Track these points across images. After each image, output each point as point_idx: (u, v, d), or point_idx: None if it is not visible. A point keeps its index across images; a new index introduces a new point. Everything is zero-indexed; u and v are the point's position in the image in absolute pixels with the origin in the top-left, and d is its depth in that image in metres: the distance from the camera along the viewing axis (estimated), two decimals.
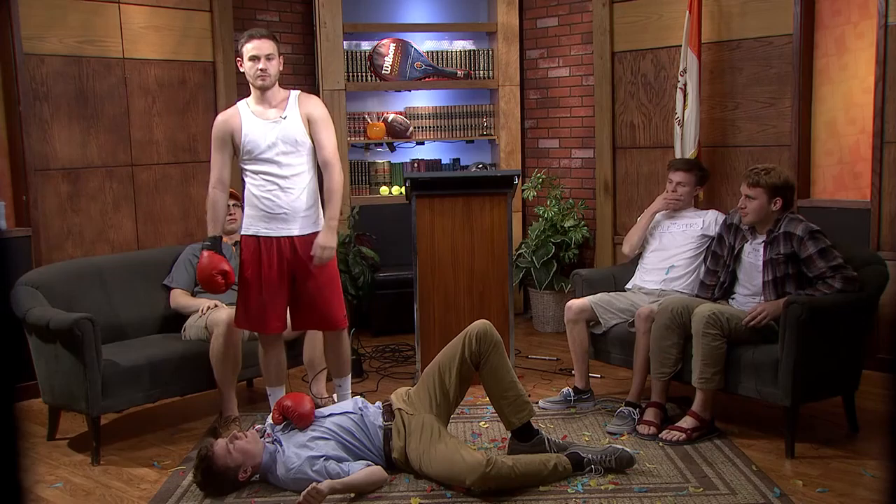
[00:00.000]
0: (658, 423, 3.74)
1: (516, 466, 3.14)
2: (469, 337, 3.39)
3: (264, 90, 3.65)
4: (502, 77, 5.96)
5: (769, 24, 4.78)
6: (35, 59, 4.52)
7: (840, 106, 4.60)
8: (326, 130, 3.69)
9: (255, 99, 3.70)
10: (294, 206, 3.65)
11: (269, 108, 3.68)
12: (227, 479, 3.18)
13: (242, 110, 3.69)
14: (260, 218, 3.67)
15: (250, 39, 3.62)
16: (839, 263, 3.57)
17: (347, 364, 3.96)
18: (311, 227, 3.69)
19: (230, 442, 3.22)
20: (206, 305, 4.06)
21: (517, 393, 3.39)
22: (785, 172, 3.79)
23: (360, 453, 3.30)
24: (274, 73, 3.64)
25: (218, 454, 3.17)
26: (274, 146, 3.63)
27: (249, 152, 3.65)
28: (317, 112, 3.69)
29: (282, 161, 3.64)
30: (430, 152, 6.10)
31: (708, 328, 3.56)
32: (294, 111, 3.68)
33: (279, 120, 3.65)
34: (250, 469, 3.21)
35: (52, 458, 3.69)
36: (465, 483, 3.11)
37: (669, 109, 5.18)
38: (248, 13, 5.60)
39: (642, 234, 4.39)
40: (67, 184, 4.70)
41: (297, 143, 3.65)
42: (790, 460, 3.45)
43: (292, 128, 3.65)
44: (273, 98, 3.68)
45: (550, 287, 5.59)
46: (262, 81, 3.62)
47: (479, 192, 4.46)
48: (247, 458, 3.20)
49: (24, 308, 3.67)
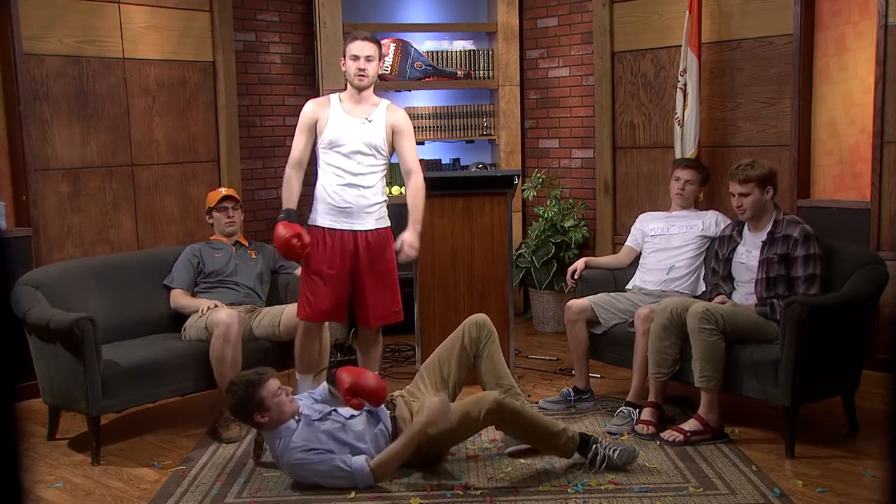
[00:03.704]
0: (656, 423, 3.74)
1: (527, 409, 3.34)
2: (468, 325, 3.60)
3: (361, 90, 3.80)
4: (502, 77, 5.96)
5: (769, 24, 4.78)
6: (35, 59, 4.52)
7: (840, 106, 4.60)
8: (410, 142, 3.89)
9: (348, 96, 3.86)
10: (360, 203, 3.80)
11: (359, 107, 3.83)
12: (250, 408, 3.18)
13: (333, 102, 3.86)
14: (328, 211, 3.81)
15: (354, 40, 3.79)
16: (810, 274, 3.64)
17: (377, 362, 4.08)
18: (374, 224, 3.85)
19: (282, 389, 3.24)
20: (206, 305, 4.06)
21: (511, 383, 3.56)
22: (766, 161, 3.91)
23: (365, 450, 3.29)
24: (372, 75, 3.80)
25: (266, 388, 3.19)
26: (352, 144, 3.77)
27: (330, 143, 3.79)
28: (402, 124, 3.88)
29: (357, 160, 3.78)
30: (430, 152, 6.10)
31: (703, 323, 3.57)
32: (381, 118, 3.84)
33: (365, 122, 3.80)
34: (267, 420, 3.21)
35: (52, 458, 3.69)
36: (479, 417, 3.19)
37: (669, 109, 5.18)
38: (248, 13, 5.60)
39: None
40: (67, 184, 4.70)
41: (376, 148, 3.81)
42: (790, 460, 3.45)
43: (375, 133, 3.81)
44: (365, 99, 3.85)
45: (550, 287, 5.59)
46: (359, 81, 3.78)
47: (479, 192, 4.46)
48: (275, 412, 3.21)
49: (24, 308, 3.67)
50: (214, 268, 4.30)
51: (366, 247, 3.82)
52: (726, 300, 3.83)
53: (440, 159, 6.09)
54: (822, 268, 3.65)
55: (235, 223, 4.45)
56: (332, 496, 3.18)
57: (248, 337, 4.05)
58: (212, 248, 4.38)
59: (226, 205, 4.44)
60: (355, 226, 3.81)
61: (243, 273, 4.33)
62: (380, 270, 3.87)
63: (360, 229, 3.81)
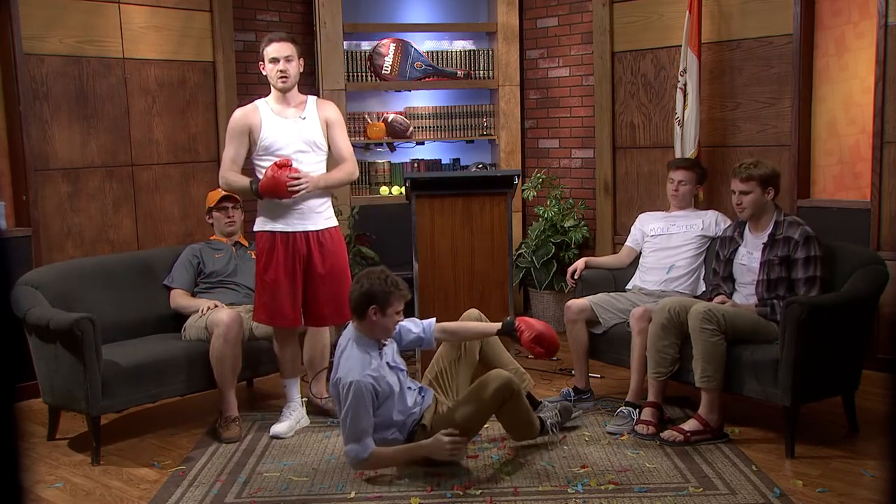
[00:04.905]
0: (655, 423, 3.74)
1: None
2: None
3: (285, 91, 3.79)
4: (502, 77, 5.96)
5: (769, 24, 4.78)
6: (35, 59, 4.52)
7: (840, 106, 4.60)
8: (343, 133, 3.91)
9: (274, 99, 3.84)
10: (309, 203, 3.78)
11: (289, 108, 3.82)
12: (375, 301, 3.23)
13: (262, 108, 3.82)
14: (276, 214, 3.78)
15: (270, 43, 3.77)
16: (811, 276, 3.64)
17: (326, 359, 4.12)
18: (325, 223, 3.85)
19: (400, 314, 3.30)
20: (205, 306, 4.07)
21: (517, 366, 3.66)
22: (770, 163, 3.91)
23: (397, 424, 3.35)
24: (294, 75, 3.78)
25: (398, 300, 3.25)
26: (292, 144, 3.76)
27: (266, 148, 3.77)
28: (334, 116, 3.90)
29: (298, 159, 3.76)
30: (430, 152, 6.10)
31: (705, 324, 3.57)
32: (313, 114, 3.84)
33: (298, 120, 3.80)
34: (373, 321, 3.25)
35: (52, 458, 3.69)
36: (487, 391, 3.26)
37: (669, 109, 5.18)
38: (248, 13, 5.60)
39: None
40: (67, 184, 4.70)
41: (315, 144, 3.81)
42: (790, 460, 3.45)
43: (311, 129, 3.81)
44: (292, 99, 3.84)
45: (550, 287, 5.59)
46: (282, 83, 3.77)
47: (479, 192, 4.46)
48: (382, 322, 3.27)
49: (24, 308, 3.67)
50: (214, 268, 4.30)
51: (318, 247, 3.82)
52: (726, 300, 3.83)
53: (440, 159, 6.09)
54: (822, 270, 3.65)
55: (235, 223, 4.46)
56: (332, 496, 3.19)
57: (248, 337, 4.05)
58: (212, 248, 4.38)
59: (225, 205, 4.44)
60: (308, 226, 3.80)
61: (243, 273, 4.33)
62: (333, 270, 3.86)
63: (312, 229, 3.81)
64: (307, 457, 3.61)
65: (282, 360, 4.00)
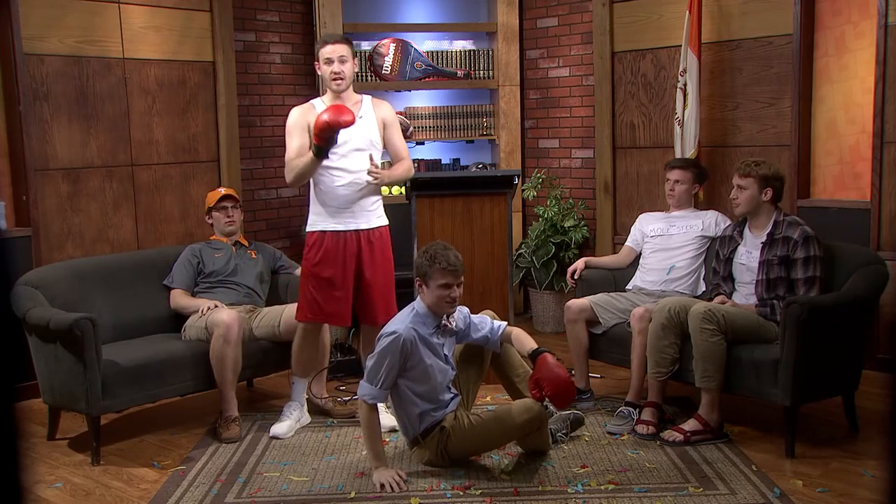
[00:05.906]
0: (656, 423, 3.74)
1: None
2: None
3: (340, 92, 3.80)
4: (502, 77, 5.96)
5: (769, 24, 4.78)
6: (35, 59, 4.52)
7: (840, 106, 4.60)
8: (399, 133, 3.96)
9: (330, 98, 3.84)
10: (361, 202, 3.80)
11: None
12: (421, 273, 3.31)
13: (319, 107, 3.81)
14: (328, 214, 3.80)
15: (325, 44, 3.79)
16: (810, 277, 3.63)
17: None
18: (376, 222, 3.87)
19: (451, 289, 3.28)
20: (206, 306, 4.06)
21: (527, 370, 3.61)
22: (776, 166, 3.89)
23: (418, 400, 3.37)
24: (349, 76, 3.80)
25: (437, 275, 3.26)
26: (348, 143, 3.75)
27: None
28: (390, 116, 3.95)
29: (355, 157, 3.77)
30: (430, 152, 6.10)
31: (705, 324, 3.57)
32: (370, 113, 3.86)
33: (357, 119, 3.76)
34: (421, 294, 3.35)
35: (52, 458, 3.69)
36: (517, 421, 3.29)
37: (669, 109, 5.18)
38: (248, 13, 5.60)
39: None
40: (67, 184, 4.70)
41: (372, 143, 3.83)
42: (790, 460, 3.45)
43: (369, 129, 3.82)
44: (348, 99, 3.84)
45: (550, 287, 5.59)
46: (337, 85, 3.78)
47: (479, 192, 4.46)
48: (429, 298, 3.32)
49: (24, 308, 3.67)
50: (214, 268, 4.30)
51: (368, 246, 3.83)
52: (726, 300, 3.83)
53: (440, 159, 6.09)
54: (822, 270, 3.65)
55: (235, 223, 4.46)
56: (332, 496, 3.18)
57: (249, 337, 4.05)
58: (212, 248, 4.38)
59: (225, 204, 4.44)
60: (360, 225, 3.81)
61: (243, 273, 4.33)
62: (383, 268, 3.89)
63: (364, 228, 3.82)
64: (307, 457, 3.62)
65: (298, 358, 3.97)
